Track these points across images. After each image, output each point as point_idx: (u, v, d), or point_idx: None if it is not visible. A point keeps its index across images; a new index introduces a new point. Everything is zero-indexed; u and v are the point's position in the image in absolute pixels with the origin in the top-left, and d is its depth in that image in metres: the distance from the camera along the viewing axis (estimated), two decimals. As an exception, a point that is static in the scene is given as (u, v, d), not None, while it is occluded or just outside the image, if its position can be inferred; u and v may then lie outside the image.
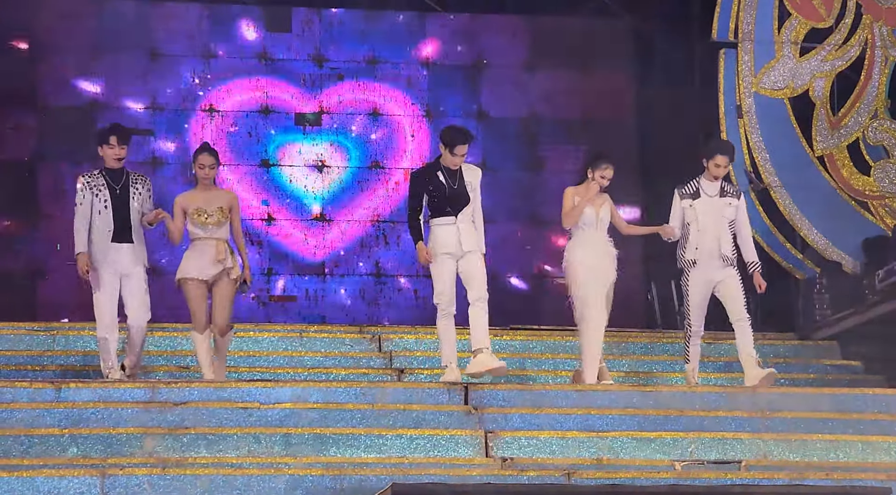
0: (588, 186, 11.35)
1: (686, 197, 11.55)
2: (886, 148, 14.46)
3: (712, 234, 11.40)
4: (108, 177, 10.85)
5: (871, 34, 14.53)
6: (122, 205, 10.79)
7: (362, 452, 9.96)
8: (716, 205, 11.45)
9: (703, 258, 11.41)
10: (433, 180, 10.77)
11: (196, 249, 10.95)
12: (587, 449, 10.18)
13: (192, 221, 10.92)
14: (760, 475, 9.70)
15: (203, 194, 11.02)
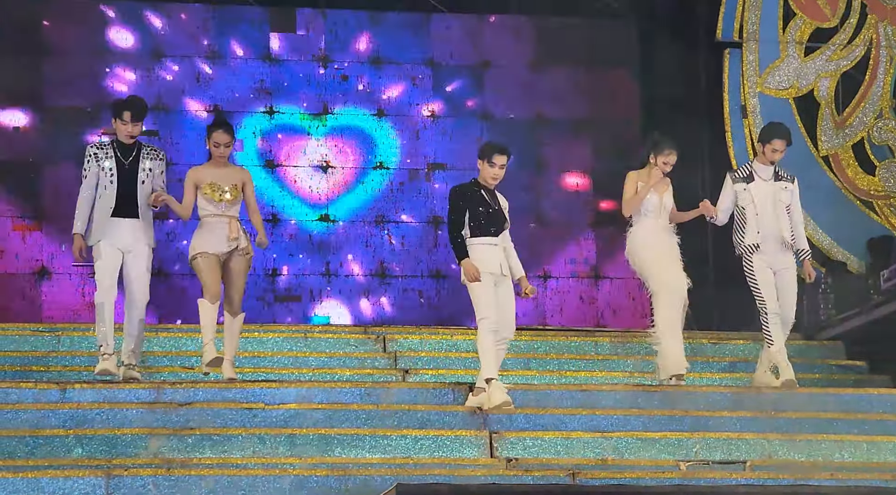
0: (650, 171, 11.09)
1: (739, 181, 11.27)
2: (891, 147, 14.46)
3: (772, 218, 11.15)
4: (118, 150, 10.48)
5: (876, 34, 14.53)
6: (129, 180, 10.42)
7: (367, 453, 9.96)
8: (772, 189, 11.21)
9: (766, 242, 11.14)
10: (476, 196, 10.45)
11: (208, 227, 10.64)
12: (592, 450, 10.18)
13: (204, 197, 10.61)
14: (765, 475, 9.69)
15: (217, 170, 10.70)
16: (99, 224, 10.43)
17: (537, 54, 15.51)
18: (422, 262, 14.95)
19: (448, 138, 15.24)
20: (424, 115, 15.24)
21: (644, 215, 11.11)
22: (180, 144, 14.78)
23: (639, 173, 11.15)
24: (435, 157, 15.15)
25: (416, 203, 15.08)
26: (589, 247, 15.24)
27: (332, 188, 14.97)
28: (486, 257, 10.33)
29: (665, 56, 15.34)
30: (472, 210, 10.37)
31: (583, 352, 12.77)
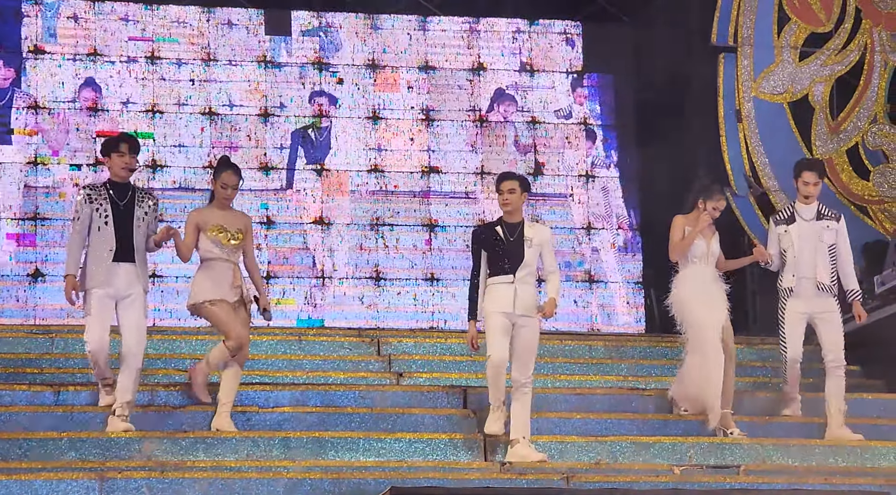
0: (699, 217, 10.68)
1: (781, 223, 10.91)
2: (886, 153, 14.46)
3: (809, 260, 10.72)
4: (112, 191, 9.95)
5: (870, 39, 14.54)
6: (125, 222, 9.88)
7: (361, 456, 9.96)
8: (813, 229, 10.78)
9: (800, 286, 10.74)
10: (489, 234, 10.11)
11: (212, 270, 10.13)
12: (586, 453, 10.18)
13: (210, 239, 10.09)
14: (759, 480, 9.69)
15: (222, 213, 10.21)
16: (93, 269, 9.87)
17: (532, 58, 15.49)
18: (416, 266, 14.92)
19: (444, 141, 15.22)
20: (419, 117, 15.22)
21: (691, 261, 10.70)
22: (176, 147, 14.74)
23: (686, 217, 10.75)
24: (429, 161, 15.14)
25: (411, 206, 15.06)
26: (584, 251, 15.22)
27: (327, 191, 14.94)
28: (497, 296, 9.97)
29: (660, 60, 15.34)
30: (487, 250, 10.07)
31: (577, 355, 12.76)
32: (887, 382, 12.68)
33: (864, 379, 12.81)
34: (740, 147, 14.27)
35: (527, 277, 9.99)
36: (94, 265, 9.86)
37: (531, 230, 10.09)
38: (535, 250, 10.01)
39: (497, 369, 9.92)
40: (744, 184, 14.21)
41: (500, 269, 9.98)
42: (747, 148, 14.26)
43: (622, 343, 13.28)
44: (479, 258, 10.07)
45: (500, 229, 10.06)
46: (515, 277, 9.94)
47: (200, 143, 14.80)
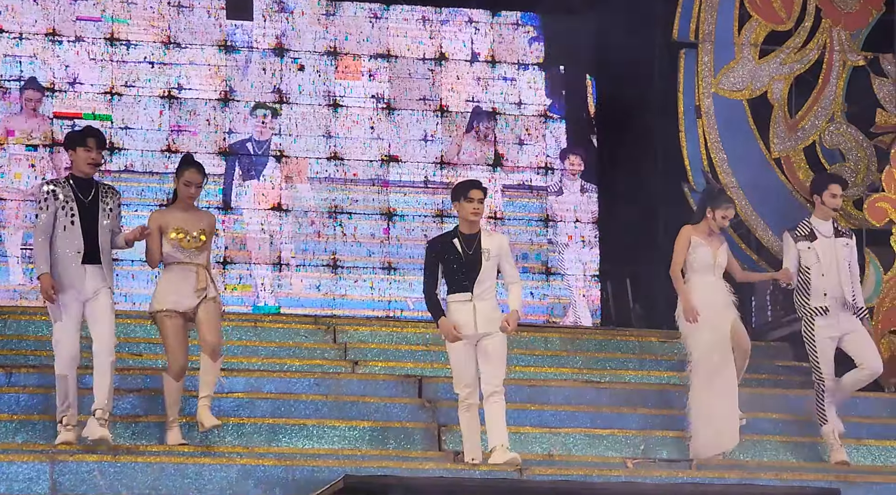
0: (708, 225, 10.40)
1: (802, 239, 10.58)
2: (842, 152, 14.49)
3: (836, 278, 10.39)
4: (76, 187, 9.48)
5: (829, 38, 14.56)
6: (91, 221, 9.41)
7: (315, 443, 9.94)
8: (834, 246, 10.52)
9: (832, 305, 10.40)
10: (447, 247, 9.68)
11: (173, 275, 9.71)
12: (540, 445, 10.19)
13: (170, 243, 9.64)
14: (712, 474, 9.72)
15: (184, 214, 9.78)
16: (60, 272, 9.39)
17: (494, 48, 15.46)
18: (374, 254, 14.88)
19: (404, 131, 15.18)
20: (380, 106, 15.17)
21: (697, 272, 10.34)
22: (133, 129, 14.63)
23: (694, 227, 10.43)
24: (389, 150, 15.09)
25: (370, 195, 15.02)
26: (541, 243, 15.23)
27: (286, 178, 14.87)
28: (457, 318, 9.57)
29: (622, 55, 15.33)
30: (444, 263, 9.67)
31: (533, 347, 12.77)
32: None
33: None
34: (699, 142, 14.27)
35: (485, 293, 9.60)
36: (61, 267, 9.38)
37: (488, 240, 9.73)
38: (493, 262, 9.63)
39: (470, 408, 9.57)
40: (701, 179, 14.21)
41: (459, 286, 9.61)
42: (706, 143, 14.27)
43: (578, 335, 13.31)
44: (436, 270, 9.67)
45: (457, 242, 9.67)
46: (474, 295, 9.56)
47: (159, 126, 14.69)
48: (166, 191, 14.43)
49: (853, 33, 14.58)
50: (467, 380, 9.56)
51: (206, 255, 9.80)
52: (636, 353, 12.82)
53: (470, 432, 9.61)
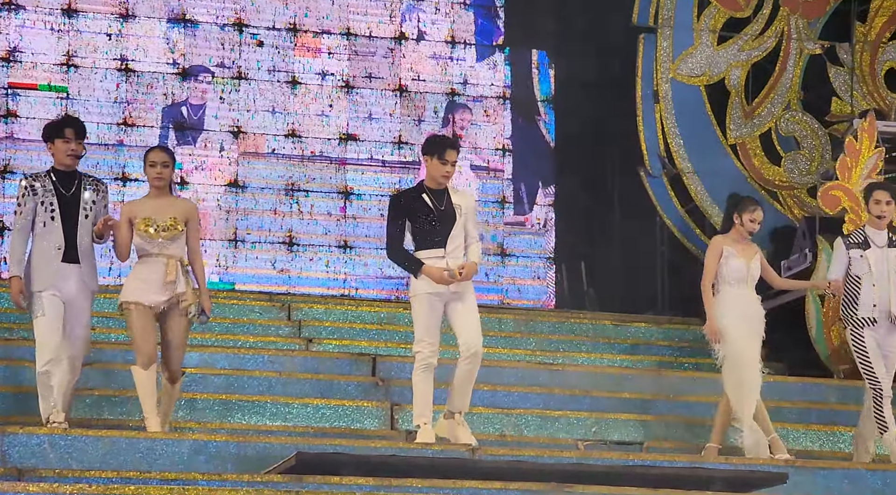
0: (738, 232, 9.96)
1: (854, 247, 10.07)
2: (798, 139, 14.59)
3: (885, 289, 9.93)
4: (57, 180, 8.98)
5: (787, 26, 14.64)
6: (72, 216, 8.93)
7: (268, 420, 9.92)
8: (887, 257, 10.02)
9: (881, 317, 9.93)
10: (418, 204, 9.14)
11: (143, 266, 9.08)
12: (492, 425, 10.20)
13: (139, 233, 9.02)
14: (662, 457, 9.75)
15: (154, 202, 9.12)
16: (40, 269, 8.91)
17: (455, 30, 15.44)
18: (330, 232, 14.87)
19: (362, 109, 15.16)
20: (338, 84, 15.14)
21: (730, 284, 9.93)
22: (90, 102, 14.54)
23: (725, 237, 10.01)
24: (347, 127, 15.07)
25: (327, 173, 15.00)
26: (497, 224, 15.25)
27: (243, 154, 14.83)
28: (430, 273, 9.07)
29: (582, 39, 15.36)
30: (413, 219, 9.14)
31: (486, 328, 12.70)
32: (788, 365, 12.83)
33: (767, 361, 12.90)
34: (656, 127, 14.33)
35: (457, 250, 9.16)
36: (40, 265, 8.91)
37: (458, 197, 9.27)
38: (463, 219, 9.20)
39: (427, 369, 9.19)
40: (658, 164, 14.28)
41: (431, 243, 9.12)
42: (663, 129, 14.33)
43: (532, 317, 13.33)
44: (403, 226, 9.17)
45: (426, 197, 9.19)
46: (447, 251, 9.13)
47: (115, 99, 14.61)
48: (121, 164, 14.39)
49: (811, 22, 14.66)
50: (432, 338, 9.14)
51: (180, 246, 9.11)
52: (590, 336, 12.88)
53: (424, 394, 9.20)
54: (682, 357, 12.70)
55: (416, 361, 9.23)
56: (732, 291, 9.89)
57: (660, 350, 12.84)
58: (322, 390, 10.45)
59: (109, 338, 11.11)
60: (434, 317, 9.15)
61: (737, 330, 9.87)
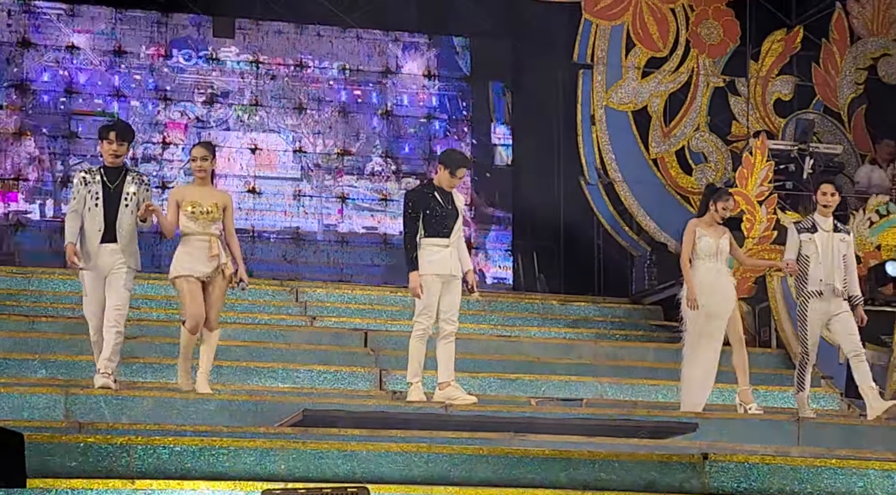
0: (712, 216, 9.66)
1: (804, 231, 9.75)
2: (705, 154, 14.60)
3: (830, 267, 9.63)
4: (105, 174, 8.77)
5: (696, 64, 14.62)
6: (113, 204, 8.70)
7: (279, 383, 9.86)
8: (832, 239, 9.71)
9: (826, 290, 9.60)
10: (431, 200, 9.05)
11: (189, 245, 8.86)
12: (462, 386, 10.13)
13: (185, 214, 8.84)
14: (598, 411, 9.72)
15: (198, 189, 8.94)
16: (84, 249, 8.69)
17: (431, 65, 15.38)
18: (330, 229, 14.81)
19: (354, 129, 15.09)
20: (336, 110, 15.06)
21: (701, 258, 9.59)
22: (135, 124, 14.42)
23: (700, 220, 9.73)
24: (343, 144, 15.00)
25: (328, 181, 14.93)
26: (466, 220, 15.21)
27: (259, 166, 14.75)
28: (436, 258, 8.98)
29: (532, 73, 15.33)
30: (426, 212, 9.02)
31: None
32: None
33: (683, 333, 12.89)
34: (593, 145, 14.30)
35: (457, 242, 9.10)
36: (85, 245, 8.69)
37: (458, 200, 9.21)
38: (461, 218, 9.17)
39: (423, 338, 9.06)
40: (595, 175, 14.26)
41: (439, 232, 9.00)
42: (598, 146, 14.30)
43: (494, 298, 13.28)
44: (418, 220, 9.00)
45: (438, 196, 9.07)
46: (450, 241, 9.03)
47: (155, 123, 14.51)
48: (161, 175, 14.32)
49: (715, 60, 14.64)
50: (433, 313, 9.01)
51: (219, 227, 8.92)
52: (540, 313, 12.85)
53: (418, 358, 9.10)
54: (613, 329, 12.68)
55: (415, 330, 9.10)
56: (704, 265, 9.58)
57: (596, 324, 12.82)
58: (323, 358, 10.39)
59: (151, 316, 11.01)
60: (436, 294, 8.98)
61: (705, 299, 9.49)
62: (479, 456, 7.18)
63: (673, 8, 14.51)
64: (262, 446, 7.09)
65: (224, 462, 6.96)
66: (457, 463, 7.12)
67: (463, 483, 7.01)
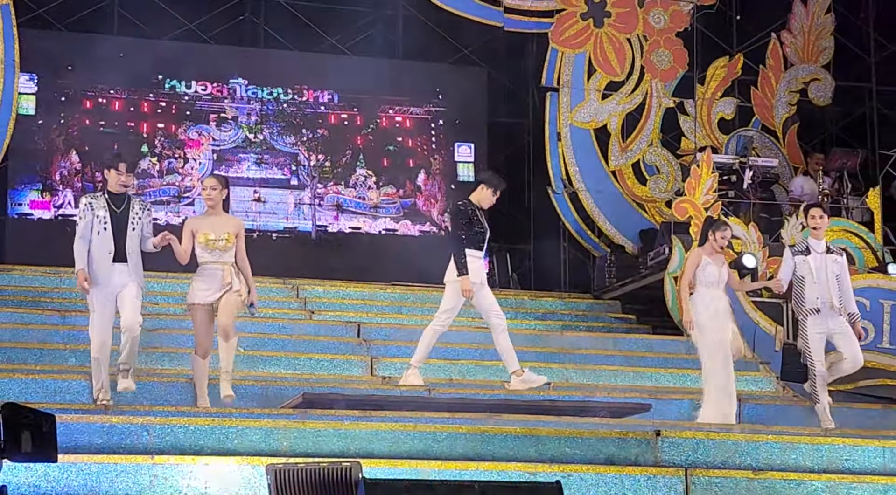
0: (711, 245, 9.13)
1: (798, 253, 9.24)
2: (657, 167, 14.64)
3: (825, 286, 9.12)
4: (110, 200, 8.27)
5: (650, 87, 14.66)
6: (121, 227, 8.21)
7: (282, 369, 9.84)
8: (825, 261, 9.18)
9: (823, 308, 9.10)
10: (474, 215, 8.93)
11: (204, 274, 8.35)
12: (444, 372, 10.16)
13: (199, 245, 8.36)
14: (563, 393, 9.75)
15: (211, 219, 8.42)
16: (95, 269, 8.18)
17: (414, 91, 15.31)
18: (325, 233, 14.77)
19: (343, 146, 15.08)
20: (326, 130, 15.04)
21: (705, 286, 9.09)
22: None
23: (701, 249, 9.21)
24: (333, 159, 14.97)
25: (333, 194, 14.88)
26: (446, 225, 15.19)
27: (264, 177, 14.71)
28: (472, 268, 8.88)
29: (506, 96, 15.35)
30: (470, 226, 8.91)
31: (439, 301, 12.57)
32: (652, 327, 12.85)
33: (638, 325, 12.99)
34: (559, 159, 14.33)
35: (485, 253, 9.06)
36: (95, 265, 8.17)
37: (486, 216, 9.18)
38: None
39: (438, 333, 8.96)
40: (561, 185, 14.28)
41: (478, 245, 8.91)
42: (564, 159, 14.33)
43: (471, 293, 13.24)
44: (468, 231, 8.89)
45: (479, 213, 9.01)
46: (482, 253, 9.01)
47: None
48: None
49: (666, 84, 14.69)
50: (454, 314, 9.02)
51: (232, 254, 8.39)
52: (513, 307, 12.85)
53: (428, 346, 9.02)
54: (577, 321, 12.71)
55: (435, 322, 9.02)
56: (708, 292, 9.07)
57: (562, 317, 12.83)
58: (321, 348, 10.38)
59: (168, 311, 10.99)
60: (461, 300, 8.92)
61: (712, 323, 9.05)
62: (459, 433, 7.19)
63: (629, 38, 14.56)
64: (267, 425, 7.08)
65: (233, 439, 6.96)
66: (439, 440, 7.13)
67: (444, 457, 7.02)
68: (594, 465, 7.00)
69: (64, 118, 14.25)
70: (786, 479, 7.18)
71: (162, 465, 6.52)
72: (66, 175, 14.14)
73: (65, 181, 14.12)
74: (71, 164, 14.20)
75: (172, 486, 6.48)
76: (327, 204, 14.84)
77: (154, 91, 14.54)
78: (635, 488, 6.86)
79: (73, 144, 14.24)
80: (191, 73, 14.55)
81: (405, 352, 10.26)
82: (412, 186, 15.01)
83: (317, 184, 14.86)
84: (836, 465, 7.55)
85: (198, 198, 14.23)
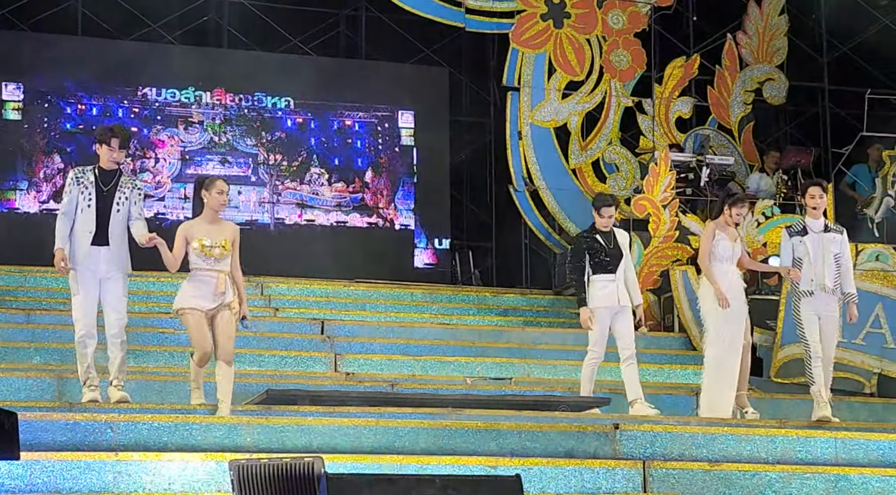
0: (725, 219, 8.82)
1: (795, 234, 8.86)
2: (617, 165, 14.70)
3: (821, 267, 8.73)
4: (99, 176, 7.73)
5: (609, 87, 14.71)
6: (106, 207, 7.66)
7: (247, 366, 9.80)
8: (823, 240, 8.80)
9: (816, 289, 8.73)
10: (592, 241, 8.74)
11: (196, 281, 7.78)
12: (407, 368, 10.16)
13: (194, 251, 7.75)
14: (525, 388, 9.77)
15: (208, 226, 7.80)
16: (75, 249, 7.68)
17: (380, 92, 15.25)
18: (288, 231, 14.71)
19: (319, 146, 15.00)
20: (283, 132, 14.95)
21: (720, 261, 8.76)
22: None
23: (715, 223, 8.85)
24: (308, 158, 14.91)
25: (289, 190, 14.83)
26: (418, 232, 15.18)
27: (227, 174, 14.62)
28: (604, 293, 8.64)
29: (469, 95, 15.35)
30: (591, 253, 8.70)
31: (402, 298, 12.74)
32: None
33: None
34: (520, 157, 14.34)
35: (622, 274, 8.72)
36: (76, 245, 7.67)
37: (620, 236, 8.82)
38: (626, 254, 8.81)
39: (596, 365, 8.77)
40: (522, 183, 14.30)
41: (605, 269, 8.68)
42: (525, 158, 14.35)
43: (434, 291, 13.28)
44: (581, 263, 8.73)
45: (599, 237, 8.76)
46: (616, 276, 8.68)
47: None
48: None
49: (625, 84, 14.74)
50: (604, 342, 8.74)
51: (228, 262, 7.86)
52: (475, 304, 12.87)
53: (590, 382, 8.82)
54: (539, 317, 12.73)
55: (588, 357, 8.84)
56: (722, 267, 8.74)
57: (524, 313, 12.85)
58: (285, 345, 10.34)
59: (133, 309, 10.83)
60: (604, 328, 8.73)
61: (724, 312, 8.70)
62: (421, 428, 7.19)
63: (588, 38, 14.59)
64: (231, 422, 7.06)
65: (196, 436, 6.92)
66: (401, 435, 7.13)
67: (407, 452, 7.02)
68: (554, 459, 7.03)
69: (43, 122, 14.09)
70: (741, 470, 7.25)
71: (126, 462, 6.48)
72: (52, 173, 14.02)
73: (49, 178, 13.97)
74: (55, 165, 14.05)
75: (136, 483, 6.43)
76: (284, 199, 14.82)
77: (128, 98, 14.46)
78: (594, 481, 6.89)
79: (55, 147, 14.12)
80: (156, 73, 14.44)
81: (368, 348, 10.26)
82: (360, 182, 15.00)
83: (275, 181, 14.85)
84: (790, 456, 7.62)
85: (168, 194, 14.11)
